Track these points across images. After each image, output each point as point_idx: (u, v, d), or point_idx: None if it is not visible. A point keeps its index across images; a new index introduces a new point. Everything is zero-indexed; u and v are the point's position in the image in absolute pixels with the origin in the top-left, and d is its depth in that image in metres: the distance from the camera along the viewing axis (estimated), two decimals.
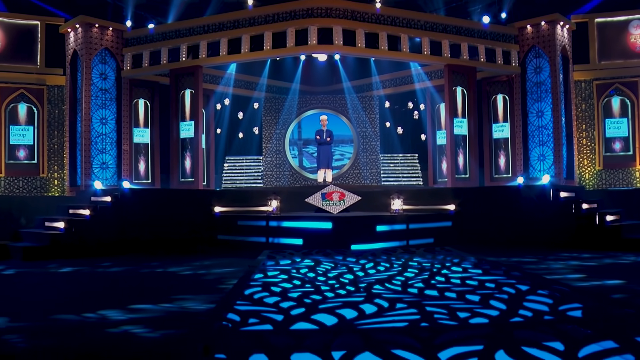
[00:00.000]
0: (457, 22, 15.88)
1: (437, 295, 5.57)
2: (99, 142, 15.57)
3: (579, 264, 7.56)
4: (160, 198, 9.64)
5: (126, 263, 8.47)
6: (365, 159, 18.59)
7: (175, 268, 7.82)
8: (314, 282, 6.06)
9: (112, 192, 9.58)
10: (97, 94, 15.62)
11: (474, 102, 16.23)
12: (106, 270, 7.98)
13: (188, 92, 15.71)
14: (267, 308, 5.04)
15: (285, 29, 14.62)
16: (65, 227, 9.25)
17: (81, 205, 9.59)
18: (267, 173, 18.52)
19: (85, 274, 7.70)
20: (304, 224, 7.95)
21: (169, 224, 9.27)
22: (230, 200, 9.74)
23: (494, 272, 6.66)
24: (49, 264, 8.64)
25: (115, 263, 8.49)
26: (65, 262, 8.75)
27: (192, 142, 15.60)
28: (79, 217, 9.31)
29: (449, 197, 9.47)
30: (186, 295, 5.92)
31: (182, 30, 15.66)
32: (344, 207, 9.98)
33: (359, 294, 5.60)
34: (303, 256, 6.84)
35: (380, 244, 7.96)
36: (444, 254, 7.51)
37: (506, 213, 8.98)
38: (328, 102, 19.00)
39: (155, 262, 8.37)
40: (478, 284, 6.10)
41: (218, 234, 9.38)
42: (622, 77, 16.74)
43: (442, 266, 6.65)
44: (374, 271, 6.25)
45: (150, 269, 7.85)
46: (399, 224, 8.25)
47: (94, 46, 15.62)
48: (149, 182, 16.60)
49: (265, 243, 8.54)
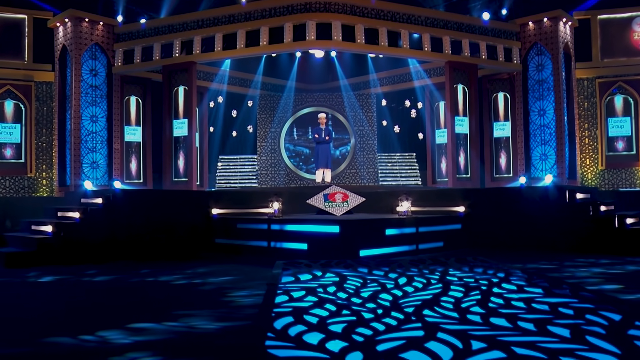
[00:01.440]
0: (458, 18, 15.49)
1: (510, 326, 4.57)
2: (89, 141, 15.04)
3: (604, 272, 7.00)
4: (154, 199, 9.11)
5: (119, 271, 7.85)
6: (362, 158, 18.17)
7: (170, 276, 7.17)
8: (350, 306, 5.12)
9: (104, 193, 9.00)
10: (87, 90, 15.08)
11: (475, 100, 15.86)
12: (97, 280, 7.36)
13: (181, 89, 15.22)
14: (313, 354, 3.93)
15: (283, 24, 14.16)
16: (54, 231, 8.67)
17: (70, 208, 8.98)
18: (262, 172, 18.06)
19: (76, 285, 7.13)
20: (309, 227, 7.48)
21: (164, 227, 8.74)
22: (228, 202, 9.26)
23: (558, 292, 5.67)
24: (35, 272, 7.99)
25: (107, 271, 7.89)
26: (53, 270, 8.08)
27: (185, 140, 15.12)
28: (68, 220, 8.67)
29: (458, 198, 9.06)
30: (189, 310, 5.27)
31: (176, 25, 15.15)
32: (347, 208, 9.55)
33: (412, 323, 4.65)
34: (322, 269, 5.74)
35: (390, 248, 7.54)
36: (481, 265, 6.24)
37: (518, 215, 8.58)
38: (324, 100, 18.56)
39: (150, 269, 7.73)
40: (550, 309, 5.12)
41: (215, 238, 8.87)
42: (625, 75, 16.44)
43: (489, 283, 5.78)
44: (411, 289, 5.36)
45: (146, 278, 7.24)
46: (409, 227, 7.83)
47: (84, 41, 15.09)
48: (140, 181, 16.10)
49: (267, 248, 8.06)
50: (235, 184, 17.37)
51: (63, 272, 7.95)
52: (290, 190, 10.75)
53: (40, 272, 8.03)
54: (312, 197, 9.83)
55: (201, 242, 8.88)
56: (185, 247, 8.68)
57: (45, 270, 8.12)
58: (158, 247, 8.60)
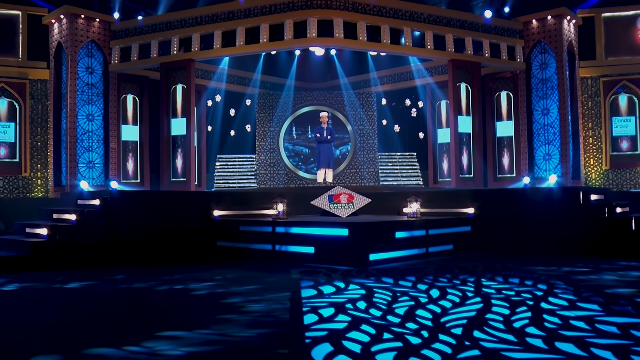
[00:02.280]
0: (461, 15, 15.24)
1: (585, 355, 3.83)
2: (85, 140, 14.73)
3: (629, 275, 6.71)
4: (153, 201, 8.77)
5: (120, 276, 7.42)
6: (362, 157, 17.90)
7: (175, 284, 6.80)
8: (390, 327, 4.40)
9: (101, 194, 8.65)
10: (83, 88, 14.77)
11: (479, 99, 15.62)
12: (101, 287, 6.91)
13: (179, 87, 14.92)
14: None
15: (283, 21, 13.88)
16: (49, 233, 8.18)
17: (66, 209, 8.61)
18: (260, 172, 17.77)
19: (82, 292, 6.65)
20: (316, 230, 7.20)
21: (164, 230, 8.42)
22: (230, 203, 8.96)
23: (616, 309, 4.97)
24: (30, 277, 7.43)
25: (108, 276, 7.44)
26: (49, 275, 7.51)
27: (183, 139, 14.82)
28: (64, 223, 8.27)
29: (467, 199, 8.80)
30: (204, 329, 4.66)
31: (174, 22, 14.85)
32: (353, 210, 9.28)
33: (469, 350, 3.94)
34: (343, 278, 5.35)
35: (400, 252, 7.27)
36: (514, 274, 5.82)
37: (530, 217, 8.32)
38: (324, 98, 18.27)
39: (151, 274, 7.35)
40: (620, 332, 4.37)
41: (217, 240, 8.57)
42: (629, 74, 16.22)
43: (533, 296, 5.13)
44: (449, 304, 4.68)
45: (150, 284, 6.84)
46: (418, 230, 7.56)
47: (80, 38, 14.77)
48: (137, 181, 15.80)
49: (271, 251, 7.76)
50: (234, 184, 17.08)
51: (64, 277, 7.48)
52: (293, 191, 10.48)
53: (41, 277, 7.57)
54: (316, 198, 9.56)
55: (202, 245, 8.58)
56: (186, 251, 8.37)
57: (45, 276, 7.62)
58: (158, 250, 8.28)
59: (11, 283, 7.19)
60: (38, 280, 7.39)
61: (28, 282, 7.23)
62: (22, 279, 7.43)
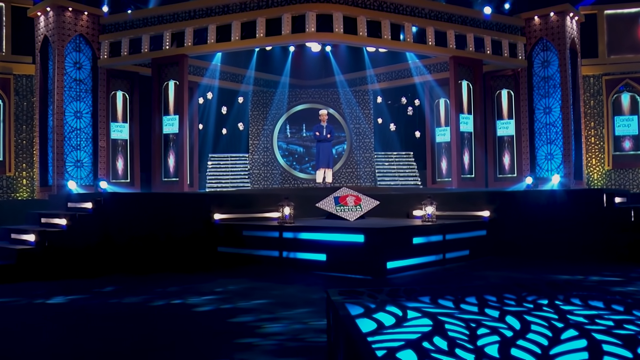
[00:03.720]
0: (463, 11, 14.83)
1: None
2: (72, 138, 14.12)
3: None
4: (149, 204, 8.19)
5: (116, 288, 6.60)
6: (359, 157, 17.43)
7: (177, 297, 5.99)
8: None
9: (93, 196, 8.01)
10: (70, 84, 14.15)
11: (480, 97, 15.24)
12: (81, 302, 5.97)
13: (172, 83, 14.35)
14: None
15: (281, 15, 13.36)
16: (37, 240, 7.42)
17: (56, 213, 7.94)
18: (254, 172, 17.23)
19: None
20: (329, 236, 6.69)
21: (161, 235, 7.84)
22: (232, 206, 8.44)
23: None
24: (12, 290, 6.58)
25: (96, 288, 6.57)
26: (33, 287, 6.66)
27: (176, 138, 14.27)
28: (53, 228, 7.55)
29: (482, 202, 8.37)
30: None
31: (165, 16, 14.27)
32: (361, 213, 8.81)
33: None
34: (393, 301, 3.49)
35: (417, 259, 6.81)
36: (589, 295, 4.24)
37: (550, 220, 7.90)
38: (319, 96, 17.75)
39: (147, 285, 6.66)
40: None
41: (218, 246, 8.03)
42: (632, 72, 15.92)
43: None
44: (542, 339, 2.82)
45: (144, 298, 6.02)
46: (435, 235, 7.12)
47: (67, 32, 14.14)
48: (127, 181, 15.21)
49: (278, 258, 7.23)
50: (227, 184, 16.53)
51: (55, 289, 6.65)
52: (295, 193, 9.99)
53: (27, 289, 6.68)
54: (321, 201, 9.08)
55: (202, 250, 8.04)
56: (185, 257, 7.82)
57: (33, 288, 6.73)
58: (154, 257, 7.71)
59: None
60: (21, 293, 6.55)
61: (8, 297, 6.35)
62: (3, 292, 6.57)
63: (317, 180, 13.19)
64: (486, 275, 6.57)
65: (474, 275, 6.58)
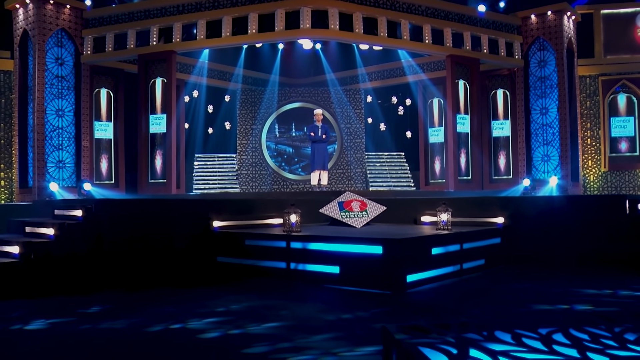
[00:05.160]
0: (459, 8, 14.47)
1: None
2: (54, 137, 13.45)
3: None
4: (145, 210, 7.58)
5: (100, 309, 5.74)
6: (350, 157, 16.98)
7: (182, 321, 5.06)
8: None
9: (84, 203, 7.35)
10: (52, 81, 13.47)
11: (477, 97, 14.90)
12: (63, 329, 5.03)
13: (159, 80, 13.76)
14: None
15: (274, 10, 12.85)
16: (21, 252, 6.60)
17: (42, 222, 7.24)
18: (242, 172, 16.68)
19: (29, 341, 4.71)
20: (342, 246, 6.20)
21: (157, 244, 7.25)
22: (232, 212, 7.92)
23: None
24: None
25: (84, 308, 5.74)
26: (13, 308, 5.75)
27: (164, 138, 13.67)
28: (40, 239, 6.71)
29: (495, 207, 7.98)
30: None
31: (153, 11, 13.66)
32: (367, 219, 8.35)
33: None
34: (471, 342, 2.57)
35: (436, 271, 6.37)
36: None
37: (566, 228, 7.53)
38: (309, 95, 17.26)
39: (142, 303, 5.89)
40: None
41: (218, 255, 7.50)
42: (629, 73, 15.70)
43: None
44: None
45: (138, 321, 5.16)
46: (453, 245, 6.70)
47: (49, 26, 13.45)
48: (112, 182, 14.58)
49: (285, 270, 6.71)
50: (215, 185, 15.96)
51: (28, 310, 5.71)
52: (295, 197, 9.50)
53: (9, 311, 5.69)
54: (325, 206, 8.60)
55: (200, 260, 7.49)
56: (183, 269, 7.26)
57: (15, 308, 5.79)
58: (150, 269, 7.14)
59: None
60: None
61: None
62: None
63: (312, 183, 12.71)
64: (513, 289, 6.14)
65: (500, 289, 6.15)
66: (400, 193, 12.56)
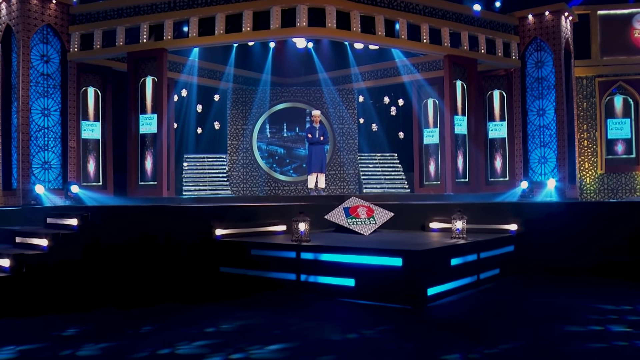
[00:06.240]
0: (457, 8, 14.20)
1: None
2: (39, 138, 12.93)
3: None
4: (144, 218, 7.08)
5: (111, 332, 5.05)
6: (343, 158, 16.64)
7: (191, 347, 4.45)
8: None
9: (79, 211, 6.85)
10: (37, 79, 12.95)
11: (475, 98, 14.66)
12: (47, 355, 4.41)
13: (149, 79, 13.29)
14: None
15: (270, 7, 12.46)
16: (12, 265, 5.97)
17: (34, 232, 6.66)
18: (233, 174, 16.27)
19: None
20: (358, 258, 5.86)
21: (156, 254, 6.82)
22: (234, 219, 7.53)
23: None
24: None
25: (68, 328, 5.12)
26: (13, 326, 5.21)
27: (154, 138, 13.22)
28: (32, 250, 6.22)
29: (508, 213, 7.69)
30: None
31: (143, 7, 13.19)
32: (375, 226, 8.03)
33: None
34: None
35: (455, 283, 6.07)
36: None
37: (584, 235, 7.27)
38: (302, 94, 16.90)
39: (138, 320, 5.31)
40: None
41: (221, 265, 7.10)
42: (625, 75, 15.57)
43: None
44: None
45: (131, 347, 4.51)
46: (470, 254, 6.40)
47: (34, 22, 12.92)
48: (99, 184, 14.09)
49: (295, 282, 6.32)
50: (205, 187, 15.53)
51: (11, 332, 5.11)
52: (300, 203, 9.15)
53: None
54: (330, 212, 8.26)
55: (202, 271, 7.08)
56: (184, 281, 6.85)
57: (7, 329, 5.24)
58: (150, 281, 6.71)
59: None
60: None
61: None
62: None
63: (309, 186, 12.37)
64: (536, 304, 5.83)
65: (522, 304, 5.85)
66: (405, 198, 12.24)
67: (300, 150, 16.74)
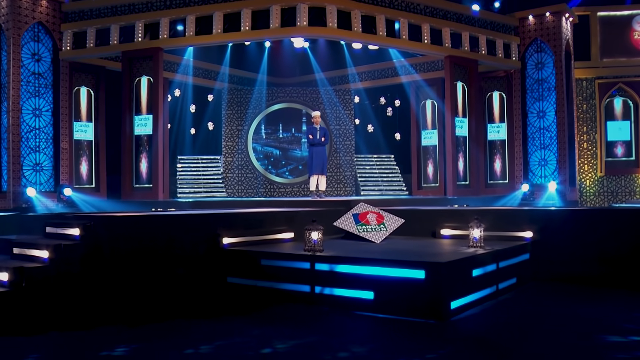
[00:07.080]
0: (458, 8, 14.01)
1: None
2: (31, 139, 12.56)
3: None
4: (149, 227, 6.73)
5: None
6: (340, 160, 16.37)
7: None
8: None
9: (81, 220, 6.50)
10: (28, 79, 12.57)
11: (475, 100, 14.48)
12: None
13: (144, 79, 12.96)
14: None
15: (269, 6, 12.19)
16: (11, 279, 5.48)
17: (33, 242, 6.30)
18: (228, 175, 15.94)
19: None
20: (377, 270, 5.60)
21: (162, 265, 6.48)
22: (242, 227, 7.24)
23: None
24: None
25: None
26: (15, 345, 4.82)
27: (150, 140, 12.89)
28: (32, 262, 5.80)
29: (523, 220, 7.48)
30: None
31: (138, 5, 12.86)
32: (386, 233, 7.77)
33: None
34: None
35: (476, 294, 5.83)
36: None
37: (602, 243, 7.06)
38: (298, 95, 16.59)
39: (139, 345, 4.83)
40: None
41: (229, 276, 6.80)
42: (625, 76, 15.48)
43: None
44: None
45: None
46: (490, 264, 6.18)
47: (24, 19, 12.54)
48: (92, 187, 13.73)
49: (309, 294, 6.05)
50: (200, 189, 15.18)
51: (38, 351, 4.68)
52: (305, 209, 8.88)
53: None
54: (339, 219, 7.99)
55: (209, 281, 6.77)
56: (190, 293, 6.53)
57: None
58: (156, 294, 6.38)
59: None
60: None
61: None
62: None
63: (311, 188, 12.10)
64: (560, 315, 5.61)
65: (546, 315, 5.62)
66: (412, 202, 12.01)
67: (296, 151, 16.46)
